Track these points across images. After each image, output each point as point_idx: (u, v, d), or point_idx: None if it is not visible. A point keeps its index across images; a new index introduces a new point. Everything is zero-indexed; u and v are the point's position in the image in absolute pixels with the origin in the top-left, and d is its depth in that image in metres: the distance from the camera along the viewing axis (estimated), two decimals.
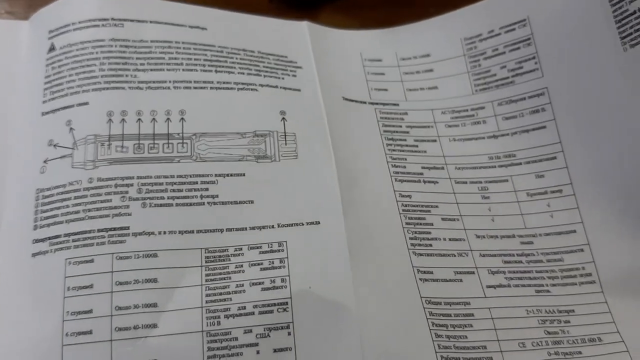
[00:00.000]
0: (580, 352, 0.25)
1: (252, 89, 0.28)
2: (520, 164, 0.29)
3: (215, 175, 0.26)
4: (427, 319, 0.25)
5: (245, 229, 0.25)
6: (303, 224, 0.26)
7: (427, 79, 0.31)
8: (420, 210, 0.27)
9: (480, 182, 0.29)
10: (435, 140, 0.30)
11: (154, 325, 0.23)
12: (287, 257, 0.25)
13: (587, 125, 0.28)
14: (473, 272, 0.26)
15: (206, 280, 0.24)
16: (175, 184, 0.25)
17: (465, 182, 0.29)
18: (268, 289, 0.24)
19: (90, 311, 0.23)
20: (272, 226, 0.25)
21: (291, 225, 0.26)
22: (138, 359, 0.23)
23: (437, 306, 0.25)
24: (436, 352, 0.24)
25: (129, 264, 0.24)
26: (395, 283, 0.25)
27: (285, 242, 0.25)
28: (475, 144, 0.30)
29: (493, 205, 0.28)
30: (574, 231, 0.27)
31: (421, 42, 0.32)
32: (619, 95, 0.27)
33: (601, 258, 0.27)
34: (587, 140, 0.28)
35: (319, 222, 0.26)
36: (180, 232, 0.25)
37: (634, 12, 0.27)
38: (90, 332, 0.23)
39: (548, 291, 0.26)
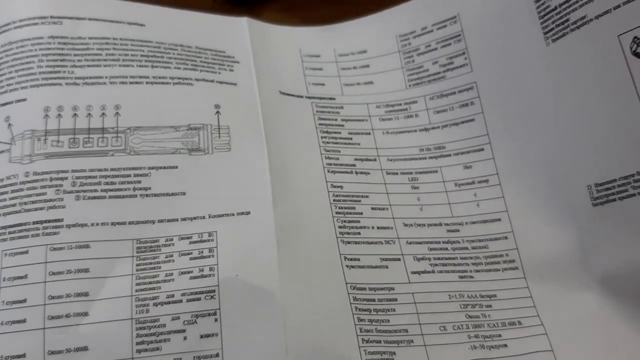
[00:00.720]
0: (500, 335, 0.26)
1: (187, 84, 0.29)
2: (450, 155, 0.30)
3: (149, 168, 0.27)
4: (351, 303, 0.25)
5: (177, 220, 0.26)
6: (234, 214, 0.27)
7: (363, 74, 0.32)
8: (351, 200, 0.28)
9: (411, 173, 0.30)
10: (369, 133, 0.30)
11: (85, 314, 0.24)
12: (217, 247, 0.26)
13: (513, 118, 0.29)
14: (399, 259, 0.27)
15: (137, 270, 0.25)
16: (108, 177, 0.26)
17: (397, 173, 0.30)
18: (196, 277, 0.25)
19: (24, 300, 0.24)
20: (203, 217, 0.26)
21: (222, 215, 0.26)
22: (69, 345, 0.23)
23: (361, 291, 0.26)
24: (357, 335, 0.25)
25: (62, 254, 0.25)
26: (321, 270, 0.26)
27: (216, 232, 0.26)
28: (407, 136, 0.31)
29: (422, 195, 0.29)
30: (499, 219, 0.28)
31: (358, 38, 0.33)
32: (543, 89, 0.28)
33: (524, 245, 0.28)
34: (513, 132, 0.29)
35: (249, 213, 0.27)
36: (112, 223, 0.25)
37: (556, 8, 0.28)
38: (24, 321, 0.23)
39: (471, 277, 0.27)
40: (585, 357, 0.25)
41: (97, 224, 0.25)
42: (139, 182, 0.26)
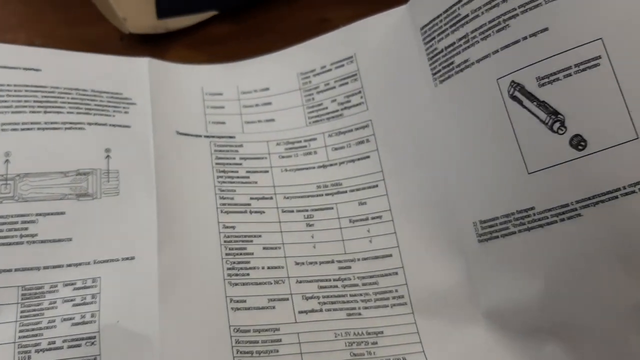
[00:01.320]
0: None
1: (79, 128, 0.29)
2: (346, 192, 0.31)
3: (36, 214, 0.27)
4: (233, 346, 0.26)
5: (62, 266, 0.26)
6: (118, 260, 0.27)
7: (265, 112, 0.33)
8: (242, 241, 0.29)
9: (307, 210, 0.30)
10: (267, 171, 0.31)
11: None
12: (100, 293, 0.26)
13: (405, 156, 0.30)
14: (287, 299, 0.28)
15: (20, 317, 0.25)
16: None
17: (292, 211, 0.30)
18: (78, 324, 0.25)
19: None
20: (88, 263, 0.27)
21: (106, 261, 0.27)
22: None
23: (245, 334, 0.26)
24: None
25: None
26: (204, 315, 0.26)
27: (100, 277, 0.26)
28: (305, 173, 0.31)
29: (316, 232, 0.30)
30: (390, 255, 0.29)
31: (262, 76, 0.33)
32: (431, 129, 0.29)
33: (413, 280, 0.28)
34: (405, 169, 0.30)
35: (133, 258, 0.27)
36: None
37: (442, 50, 0.29)
38: None
39: (359, 314, 0.28)
40: None
41: None
42: (26, 228, 0.27)
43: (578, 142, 0.24)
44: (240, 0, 0.36)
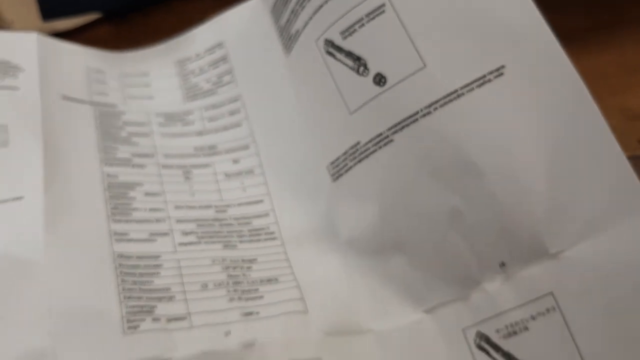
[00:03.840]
0: (257, 289, 0.29)
1: None
2: (221, 153, 0.35)
3: None
4: (116, 268, 0.28)
5: None
6: (7, 200, 0.28)
7: (144, 91, 0.36)
8: (125, 187, 0.31)
9: (185, 167, 0.34)
10: (148, 135, 0.34)
11: None
12: None
13: (270, 121, 0.35)
14: (168, 234, 0.30)
15: None
16: None
17: (172, 167, 0.33)
18: None
19: None
20: None
21: None
22: None
23: (127, 259, 0.28)
24: (119, 293, 0.27)
25: None
26: (89, 245, 0.28)
27: None
28: (184, 139, 0.35)
29: (195, 184, 0.33)
30: (262, 200, 0.33)
31: (142, 63, 0.37)
32: (287, 94, 0.34)
33: (282, 220, 0.32)
34: (270, 132, 0.35)
35: (21, 197, 0.29)
36: None
37: (284, 25, 0.34)
38: None
39: (235, 246, 0.31)
40: (330, 295, 0.29)
41: None
42: None
43: (380, 79, 0.29)
44: (122, 3, 0.41)
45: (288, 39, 0.34)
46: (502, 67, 0.26)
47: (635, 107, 0.34)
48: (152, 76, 0.37)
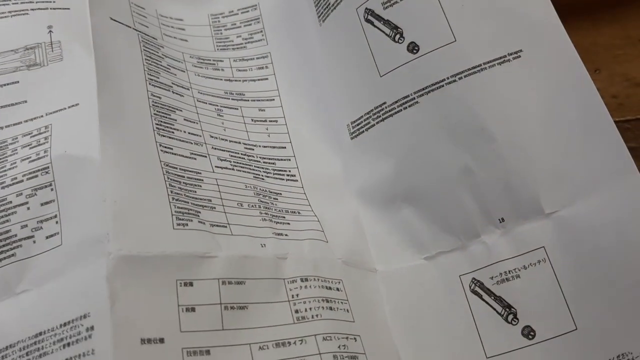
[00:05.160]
0: (284, 217, 0.32)
1: (23, 14, 0.33)
2: (248, 100, 0.37)
3: None
4: (164, 174, 0.29)
5: (21, 122, 0.30)
6: (65, 108, 0.30)
7: (179, 33, 0.38)
8: (167, 109, 0.33)
9: (217, 105, 0.36)
10: (184, 71, 0.36)
11: None
12: (51, 135, 0.29)
13: (297, 79, 0.38)
14: (205, 156, 0.32)
15: None
16: None
17: (205, 103, 0.35)
18: (34, 160, 0.29)
19: None
20: (41, 116, 0.30)
21: (56, 111, 0.30)
22: None
23: (173, 169, 0.30)
24: (169, 195, 0.28)
25: None
26: (139, 148, 0.30)
27: (51, 124, 0.30)
28: (215, 81, 0.37)
29: (226, 121, 0.35)
30: (284, 147, 0.36)
31: (177, 10, 0.40)
32: (317, 57, 0.38)
33: (303, 166, 0.35)
34: (296, 89, 0.38)
35: (78, 104, 0.30)
36: None
37: None
38: None
39: (263, 179, 0.33)
40: (343, 234, 0.33)
41: None
42: None
43: (413, 48, 0.33)
44: None
45: (325, 7, 0.37)
46: (520, 50, 0.32)
47: (639, 76, 0.39)
48: (186, 22, 0.39)
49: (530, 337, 0.29)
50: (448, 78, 0.32)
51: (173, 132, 0.32)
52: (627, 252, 0.28)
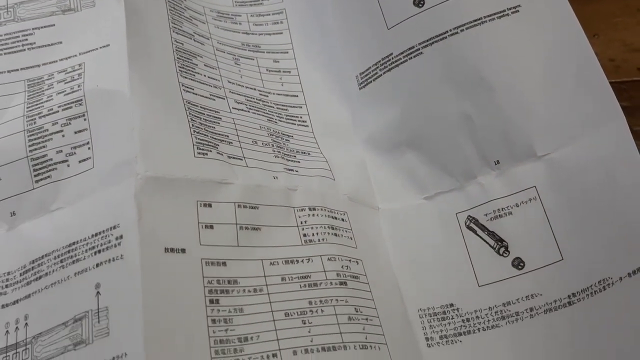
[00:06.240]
0: (295, 156, 0.34)
1: None
2: (264, 52, 0.40)
3: (32, 29, 0.34)
4: (186, 110, 0.32)
5: (56, 61, 0.33)
6: (97, 48, 0.33)
7: None
8: (189, 55, 0.35)
9: (234, 55, 0.38)
10: (204, 23, 0.39)
11: None
12: (84, 72, 0.32)
13: (310, 33, 0.40)
14: (223, 98, 0.35)
15: (27, 99, 0.32)
16: (2, 40, 0.34)
17: (224, 52, 0.38)
18: (68, 93, 0.32)
19: None
20: (75, 55, 0.33)
21: (88, 51, 0.33)
22: None
23: (194, 106, 0.33)
24: (190, 127, 0.31)
25: None
26: (164, 85, 0.32)
27: (84, 62, 0.33)
28: (233, 34, 0.40)
29: (242, 69, 0.38)
30: (297, 95, 0.38)
31: None
32: (330, 16, 0.40)
33: (313, 113, 0.38)
34: (309, 42, 0.40)
35: (108, 45, 0.33)
36: (8, 71, 0.33)
37: None
38: None
39: (276, 122, 0.36)
40: (349, 175, 0.35)
41: None
42: (26, 39, 0.34)
43: (419, 2, 0.35)
44: None
45: None
46: (519, 5, 0.34)
47: (636, 42, 0.41)
48: None
49: (519, 267, 0.32)
50: (451, 30, 0.34)
51: (194, 75, 0.34)
52: (610, 189, 0.30)
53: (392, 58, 0.36)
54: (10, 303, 0.28)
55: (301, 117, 0.37)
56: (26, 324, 0.27)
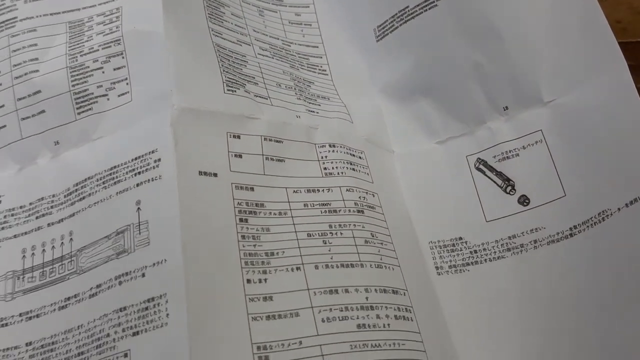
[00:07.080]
0: (316, 100, 0.37)
1: None
2: (286, 6, 0.42)
3: None
4: (215, 51, 0.34)
5: (95, 5, 0.36)
6: None
7: None
8: (218, 3, 0.37)
9: (259, 7, 0.40)
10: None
11: (37, 71, 0.33)
12: (121, 15, 0.34)
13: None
14: (250, 45, 0.37)
15: (69, 39, 0.34)
16: None
17: (249, 4, 0.40)
18: (107, 34, 0.34)
19: None
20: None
21: None
22: (30, 91, 0.33)
23: (223, 49, 0.35)
24: (220, 67, 0.34)
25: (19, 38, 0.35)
26: (196, 27, 0.34)
27: (122, 7, 0.35)
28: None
29: (266, 20, 0.40)
30: (317, 46, 0.41)
31: None
32: None
33: (333, 63, 0.40)
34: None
35: None
36: (51, 14, 0.35)
37: None
38: None
39: (298, 69, 0.38)
40: (367, 120, 0.38)
41: (42, 15, 0.35)
42: None
43: None
44: None
45: None
46: None
47: None
48: None
49: (525, 204, 0.34)
50: None
51: (222, 22, 0.37)
52: (610, 130, 0.32)
53: (408, 10, 0.38)
54: (55, 222, 0.30)
55: (321, 67, 0.40)
56: (71, 239, 0.30)
